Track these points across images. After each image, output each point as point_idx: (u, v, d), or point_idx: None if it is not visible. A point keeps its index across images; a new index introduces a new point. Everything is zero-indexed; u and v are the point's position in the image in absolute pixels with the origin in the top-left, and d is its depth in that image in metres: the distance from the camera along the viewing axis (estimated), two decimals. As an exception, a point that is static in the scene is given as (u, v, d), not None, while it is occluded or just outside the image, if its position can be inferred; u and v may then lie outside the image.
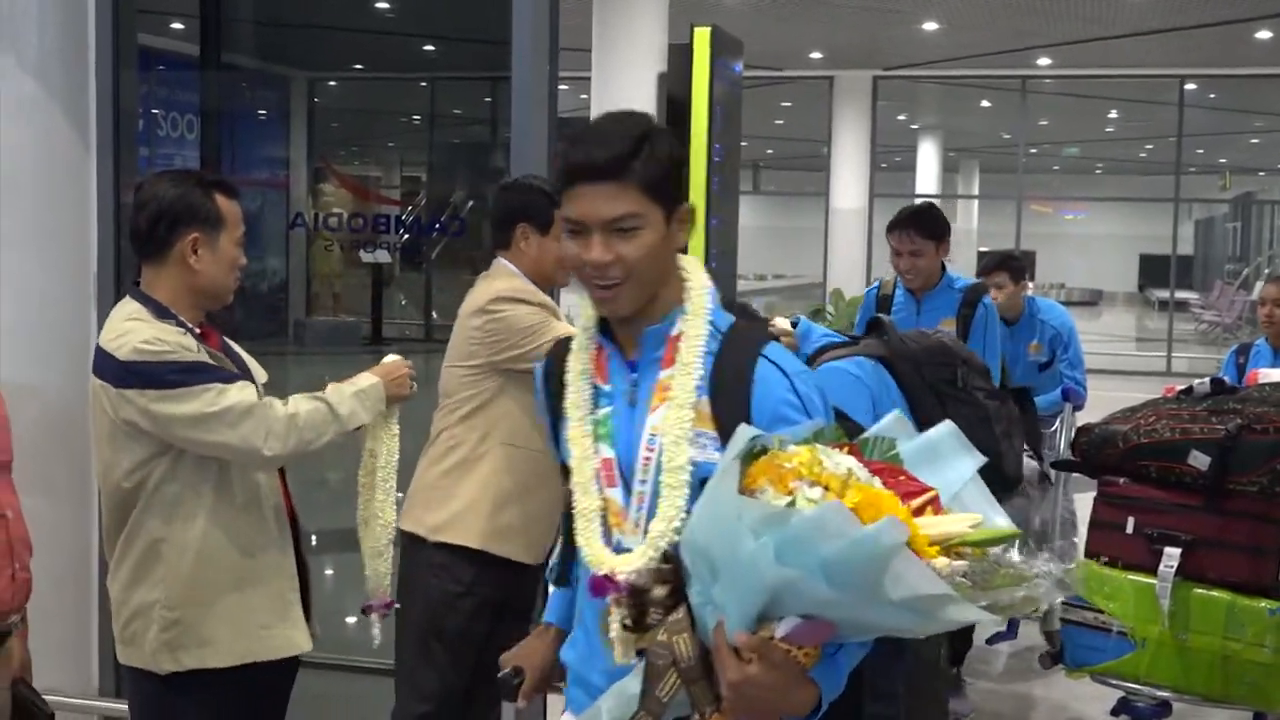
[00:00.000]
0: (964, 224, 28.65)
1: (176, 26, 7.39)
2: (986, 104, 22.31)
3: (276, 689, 3.10)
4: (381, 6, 8.61)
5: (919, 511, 1.67)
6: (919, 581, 1.56)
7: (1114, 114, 23.89)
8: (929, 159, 24.87)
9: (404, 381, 3.10)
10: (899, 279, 5.15)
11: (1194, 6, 13.35)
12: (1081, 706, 5.20)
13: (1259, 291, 5.87)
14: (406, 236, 7.66)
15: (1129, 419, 3.35)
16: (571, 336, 2.19)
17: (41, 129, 4.30)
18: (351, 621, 5.59)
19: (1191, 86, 18.99)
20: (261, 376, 3.08)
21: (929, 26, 15.15)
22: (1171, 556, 3.15)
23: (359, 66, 9.44)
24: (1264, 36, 14.95)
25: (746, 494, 1.67)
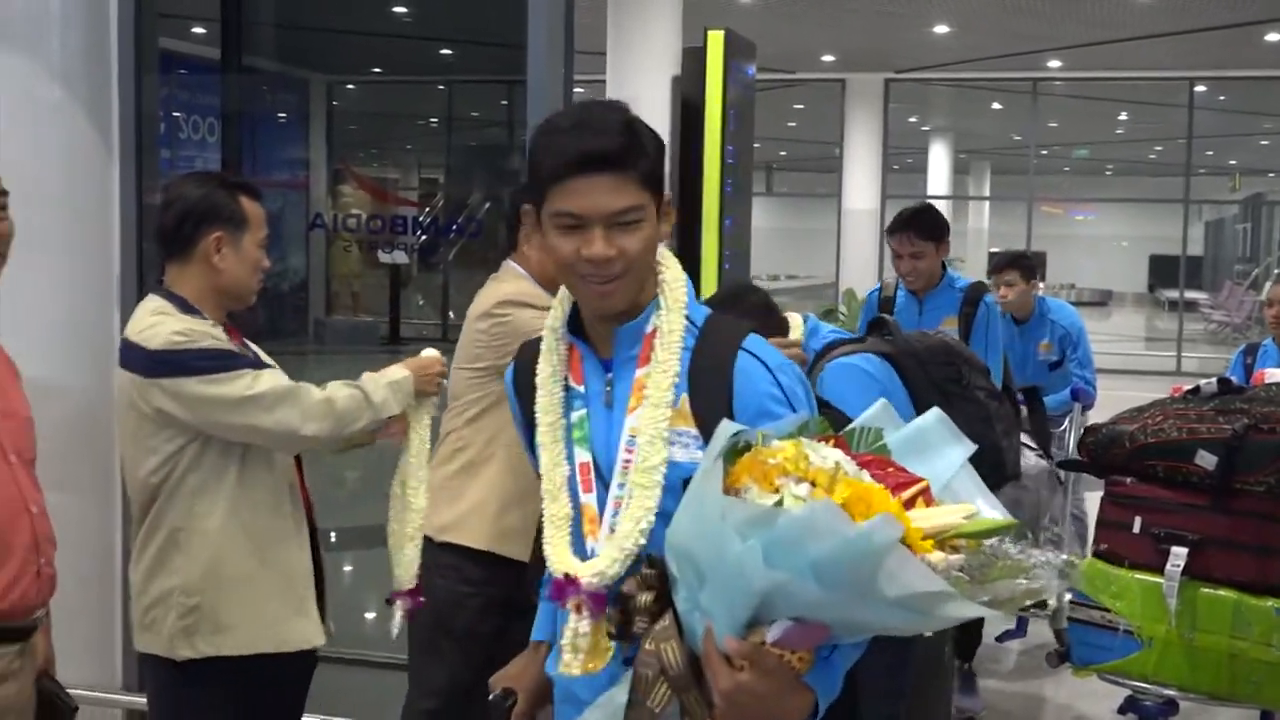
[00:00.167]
0: (975, 225, 28.60)
1: (198, 31, 7.40)
2: (997, 106, 22.24)
3: (292, 682, 3.12)
4: (399, 11, 8.62)
5: (910, 503, 1.60)
6: (915, 579, 1.48)
7: (1124, 116, 23.80)
8: (940, 161, 24.81)
9: (433, 378, 3.13)
10: (900, 280, 5.16)
11: (1203, 9, 13.29)
12: (1089, 705, 5.19)
13: (1267, 292, 5.86)
14: (424, 238, 7.67)
15: (1136, 419, 3.34)
16: (538, 340, 2.07)
17: (66, 133, 4.32)
18: (370, 617, 5.62)
19: (1201, 88, 18.90)
20: None
21: (940, 29, 15.11)
22: (1178, 556, 3.14)
23: (377, 70, 9.46)
24: (1273, 39, 14.88)
25: (731, 493, 1.59)
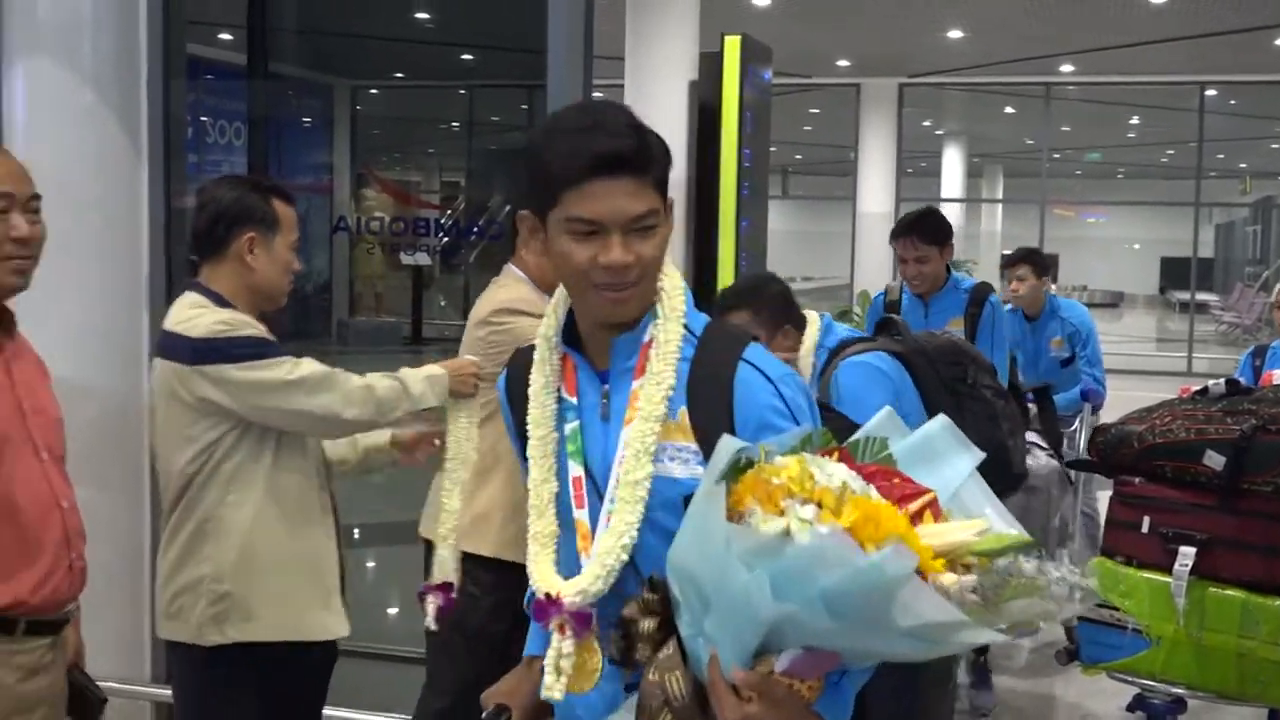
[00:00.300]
0: (988, 228, 28.50)
1: (224, 37, 7.43)
2: (1010, 110, 22.18)
3: (316, 672, 3.15)
4: (422, 17, 8.65)
5: (918, 515, 1.52)
6: (929, 610, 1.41)
7: (1135, 120, 23.71)
8: (954, 164, 24.77)
9: (468, 379, 3.15)
10: (905, 283, 5.16)
11: (1214, 14, 13.24)
12: (1099, 702, 5.18)
13: (1276, 294, 5.82)
14: (446, 240, 7.68)
15: (1144, 419, 3.33)
16: (531, 347, 1.98)
17: (96, 137, 4.34)
18: (391, 612, 5.65)
19: (1212, 93, 18.83)
20: None
21: (954, 35, 15.08)
22: (1186, 555, 3.12)
23: (400, 75, 9.50)
24: (1284, 44, 14.83)
25: (734, 516, 1.50)
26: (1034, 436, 4.13)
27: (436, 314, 9.64)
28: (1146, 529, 3.23)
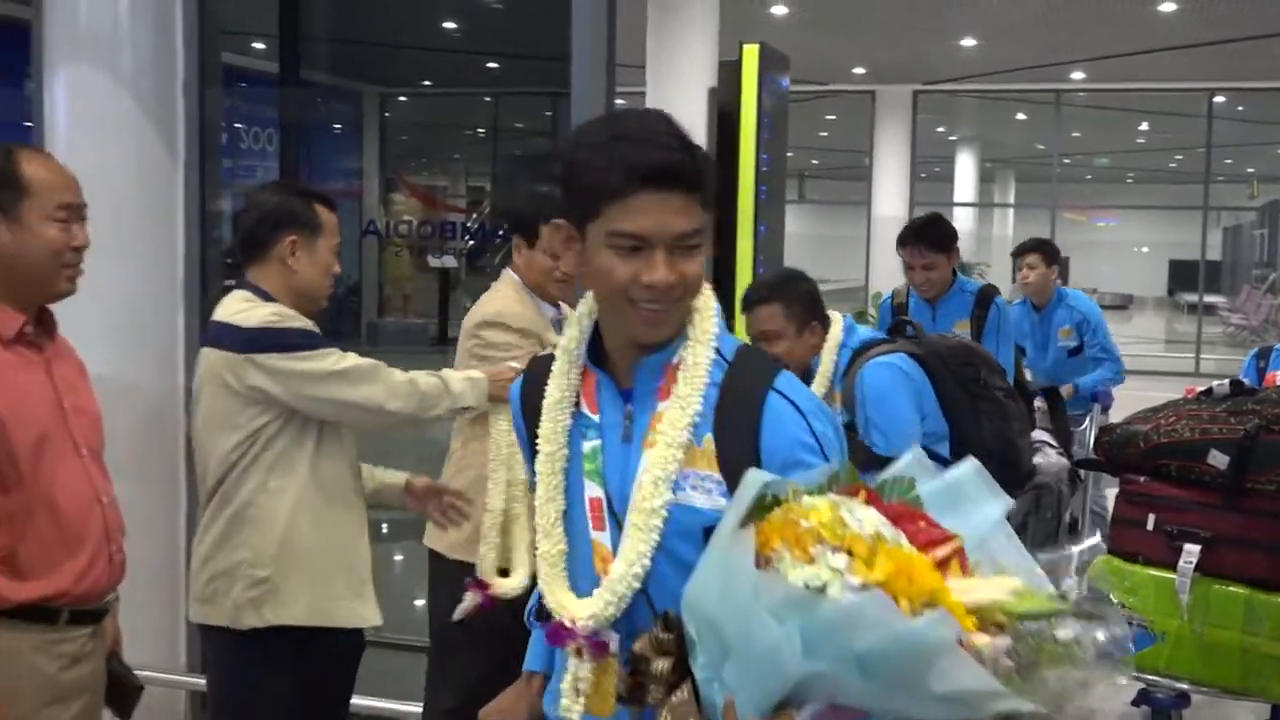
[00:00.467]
0: (1000, 232, 28.37)
1: (257, 46, 7.47)
2: (1022, 116, 22.09)
3: (344, 659, 3.17)
4: (449, 26, 8.67)
5: (944, 563, 1.41)
6: (968, 678, 1.31)
7: (1144, 126, 23.59)
8: (966, 169, 24.67)
9: (507, 385, 3.14)
10: (911, 288, 5.15)
11: (1222, 22, 13.17)
12: (1103, 697, 5.15)
13: (1282, 296, 5.80)
14: (471, 242, 7.71)
15: (1150, 419, 3.31)
16: (550, 356, 1.85)
17: (134, 143, 4.37)
18: (418, 604, 5.65)
19: (1220, 99, 18.72)
20: None
21: (967, 43, 15.04)
22: (1191, 553, 3.10)
23: (427, 82, 9.51)
24: (1291, 51, 14.74)
25: (761, 559, 1.39)
26: (1044, 435, 4.13)
27: (462, 315, 9.66)
28: (1152, 527, 3.21)
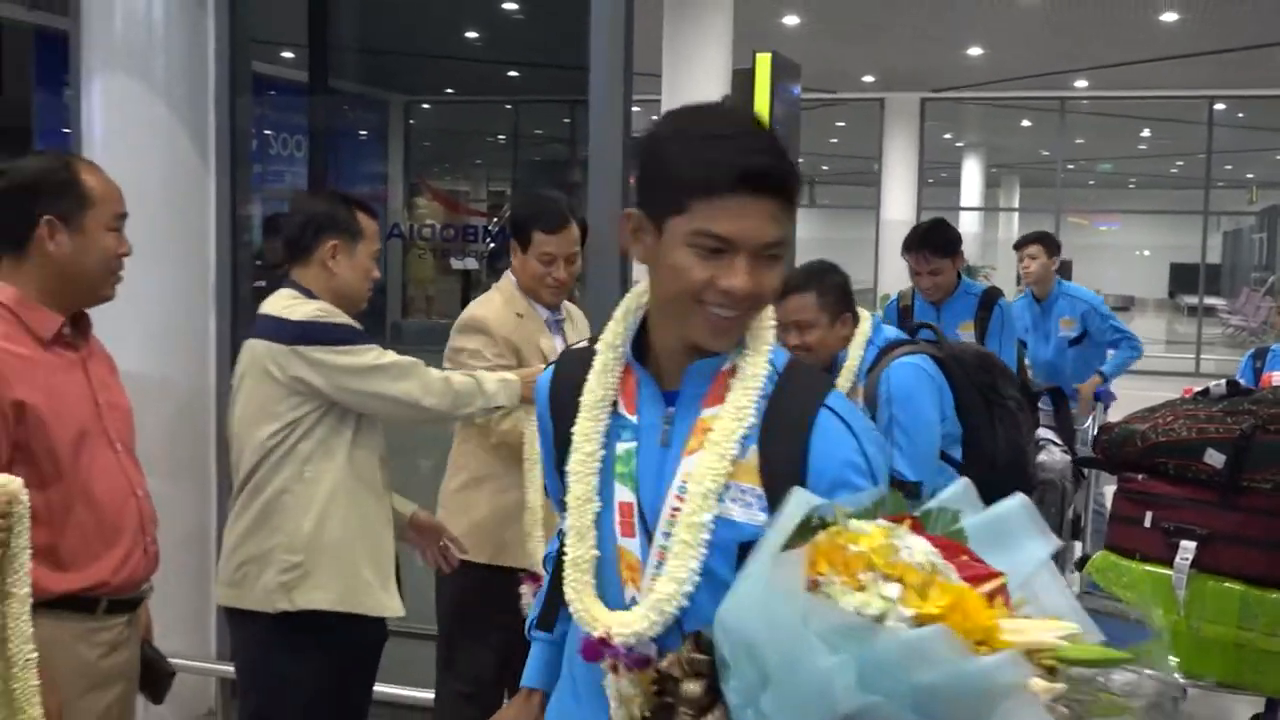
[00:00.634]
0: (1005, 235, 28.27)
1: (287, 55, 7.49)
2: (1027, 123, 22.01)
3: (368, 648, 3.18)
4: (471, 36, 8.68)
5: (988, 601, 1.31)
6: None
7: (1146, 132, 23.49)
8: (973, 174, 24.61)
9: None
10: (917, 291, 5.14)
11: (1223, 31, 13.11)
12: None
13: (1280, 298, 5.78)
14: (492, 246, 7.71)
15: (1147, 419, 3.31)
16: (581, 350, 1.73)
17: (168, 149, 4.40)
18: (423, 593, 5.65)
19: (1220, 106, 18.63)
20: None
21: (974, 51, 15.01)
22: (1187, 549, 3.11)
23: (450, 90, 9.52)
24: (1290, 60, 14.67)
25: (809, 583, 1.29)
26: (1049, 433, 4.13)
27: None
28: (1149, 524, 3.22)
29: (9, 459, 2.31)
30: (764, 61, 7.61)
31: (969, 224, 22.59)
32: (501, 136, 12.40)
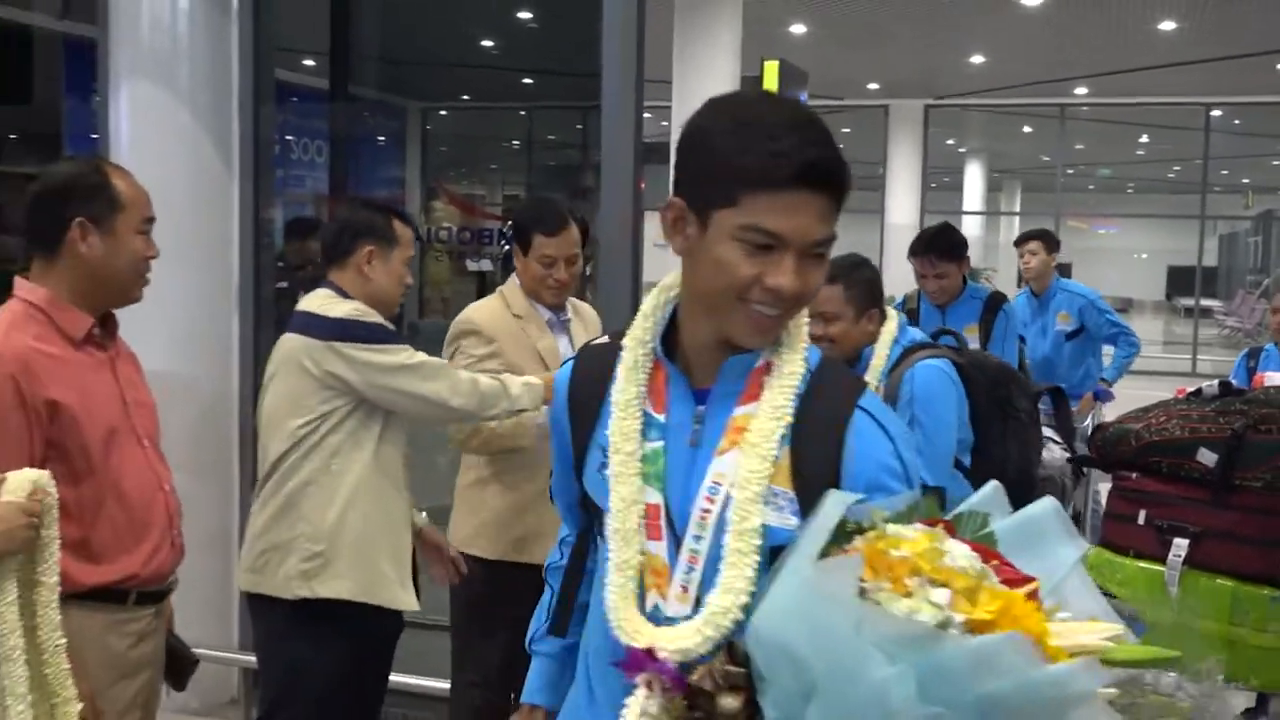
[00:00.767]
0: (1006, 238, 28.18)
1: (308, 63, 7.52)
2: (1028, 129, 21.98)
3: (384, 639, 3.20)
4: (487, 44, 8.70)
5: None
6: None
7: (1145, 138, 23.41)
8: (975, 179, 24.56)
9: None
10: (922, 293, 5.14)
11: (1220, 40, 13.09)
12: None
13: (1275, 299, 5.74)
14: (507, 248, 7.74)
15: (1141, 418, 3.30)
16: (603, 347, 1.63)
17: (193, 154, 4.41)
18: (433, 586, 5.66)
19: (1217, 113, 18.58)
20: None
21: (976, 60, 15.00)
22: (1180, 547, 3.09)
23: (466, 97, 9.55)
24: (1285, 68, 14.63)
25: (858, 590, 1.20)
26: (1049, 431, 4.12)
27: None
28: (1143, 521, 3.20)
29: (43, 456, 2.33)
30: (772, 69, 7.63)
31: (971, 228, 22.55)
32: (516, 142, 12.43)
